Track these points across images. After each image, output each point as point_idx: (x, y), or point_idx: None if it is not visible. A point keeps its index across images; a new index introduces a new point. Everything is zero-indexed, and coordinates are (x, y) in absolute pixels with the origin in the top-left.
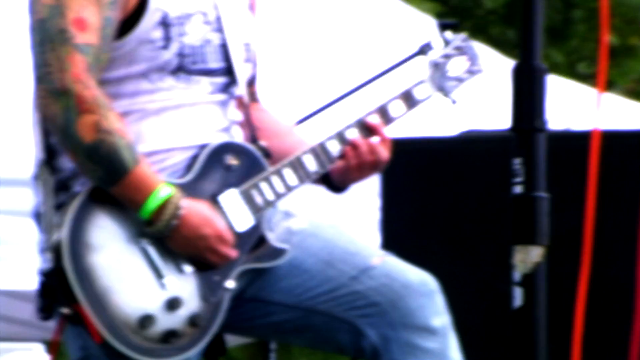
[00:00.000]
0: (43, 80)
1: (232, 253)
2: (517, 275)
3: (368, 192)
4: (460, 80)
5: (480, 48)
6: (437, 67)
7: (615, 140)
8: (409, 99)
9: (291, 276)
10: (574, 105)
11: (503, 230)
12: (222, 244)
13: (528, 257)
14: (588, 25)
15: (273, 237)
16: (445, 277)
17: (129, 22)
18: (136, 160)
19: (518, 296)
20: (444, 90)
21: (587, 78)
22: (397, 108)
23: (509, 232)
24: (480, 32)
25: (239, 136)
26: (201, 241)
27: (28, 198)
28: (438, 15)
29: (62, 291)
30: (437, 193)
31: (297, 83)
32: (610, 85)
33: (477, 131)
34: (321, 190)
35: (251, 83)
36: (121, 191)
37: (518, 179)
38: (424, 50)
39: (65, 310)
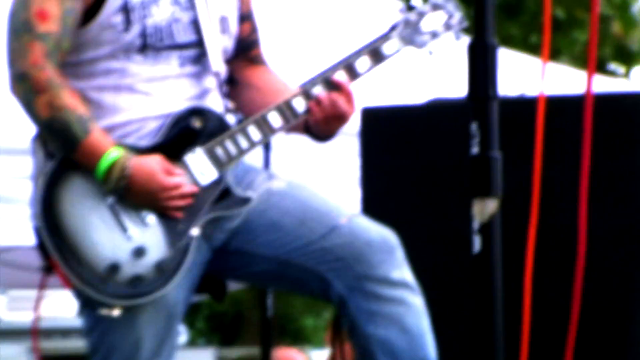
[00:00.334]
0: (10, 66)
1: (182, 202)
2: (476, 224)
3: (349, 152)
4: (435, 34)
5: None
6: (409, 24)
7: (558, 105)
8: (376, 54)
9: (270, 232)
10: (526, 74)
11: (464, 185)
12: (169, 196)
13: (485, 208)
14: (540, 1)
15: (241, 191)
16: (416, 227)
17: (92, 10)
18: (86, 130)
19: (477, 243)
20: (414, 44)
21: (538, 48)
22: (363, 64)
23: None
24: None
25: (213, 103)
26: (150, 195)
27: None
28: None
29: (41, 246)
30: (408, 153)
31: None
32: (558, 54)
33: (442, 99)
34: (310, 152)
35: (249, 48)
36: (78, 157)
37: (475, 140)
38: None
39: (45, 263)
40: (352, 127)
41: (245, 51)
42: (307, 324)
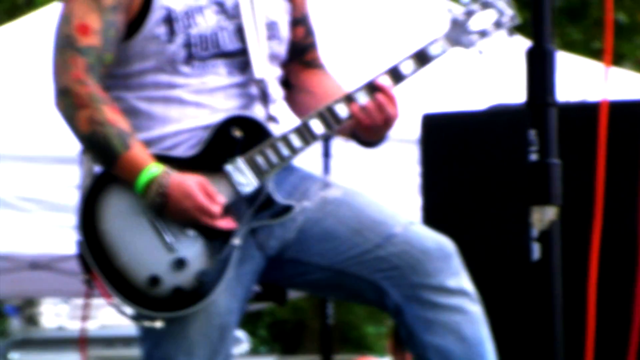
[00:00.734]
0: (54, 81)
1: (218, 222)
2: (534, 232)
3: (409, 160)
4: (484, 33)
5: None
6: (457, 24)
7: (621, 110)
8: (421, 56)
9: (325, 241)
10: (588, 79)
11: (523, 192)
12: (204, 215)
13: (544, 216)
14: (602, 5)
15: (283, 199)
16: (476, 234)
17: (136, 22)
18: (126, 145)
19: (536, 250)
20: (461, 44)
21: (601, 53)
22: (407, 66)
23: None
24: None
25: (257, 111)
26: (185, 213)
27: None
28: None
29: (82, 259)
30: (469, 160)
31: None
32: (621, 59)
33: (503, 105)
34: (370, 160)
35: (304, 52)
36: (117, 172)
37: (533, 148)
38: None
39: (85, 276)
40: (413, 134)
41: (299, 55)
42: (369, 332)
